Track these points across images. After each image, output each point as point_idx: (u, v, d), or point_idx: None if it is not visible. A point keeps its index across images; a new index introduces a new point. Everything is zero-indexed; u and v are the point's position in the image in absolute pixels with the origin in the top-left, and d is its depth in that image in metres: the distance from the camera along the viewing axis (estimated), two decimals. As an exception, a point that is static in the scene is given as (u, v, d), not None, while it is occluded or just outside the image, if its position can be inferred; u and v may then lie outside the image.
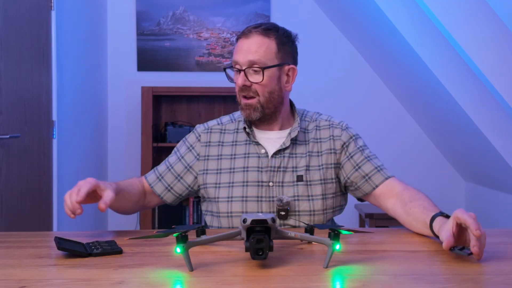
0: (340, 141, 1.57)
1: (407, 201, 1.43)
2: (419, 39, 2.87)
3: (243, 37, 1.51)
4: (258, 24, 1.52)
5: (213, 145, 1.60)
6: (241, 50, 1.50)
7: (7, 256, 1.19)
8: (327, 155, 1.56)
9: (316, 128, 1.60)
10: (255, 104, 1.51)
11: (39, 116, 2.57)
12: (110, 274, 1.03)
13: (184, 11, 3.86)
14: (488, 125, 2.81)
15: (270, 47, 1.49)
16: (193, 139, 1.62)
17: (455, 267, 1.07)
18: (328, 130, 1.59)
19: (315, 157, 1.56)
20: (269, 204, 1.52)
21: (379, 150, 3.78)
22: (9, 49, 2.27)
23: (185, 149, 1.62)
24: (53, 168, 2.69)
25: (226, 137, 1.60)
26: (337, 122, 1.61)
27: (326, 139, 1.57)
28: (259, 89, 1.50)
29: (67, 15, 2.98)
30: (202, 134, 1.62)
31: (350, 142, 1.58)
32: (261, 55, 1.48)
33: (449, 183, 3.88)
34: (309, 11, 3.86)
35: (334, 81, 3.86)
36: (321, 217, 1.53)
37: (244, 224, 1.06)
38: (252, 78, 1.50)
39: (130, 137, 3.85)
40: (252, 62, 1.48)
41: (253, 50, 1.48)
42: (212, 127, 1.63)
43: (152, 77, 3.84)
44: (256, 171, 1.53)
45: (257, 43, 1.49)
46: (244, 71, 1.50)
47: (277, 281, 0.99)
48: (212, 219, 1.59)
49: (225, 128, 1.62)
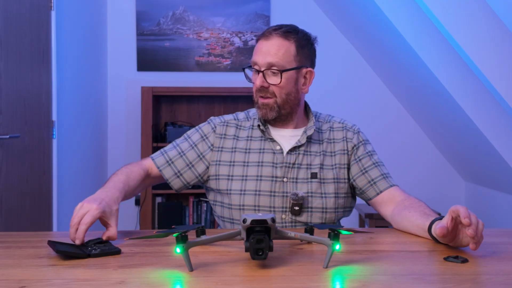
0: (351, 143, 1.62)
1: (407, 206, 1.47)
2: (419, 39, 2.87)
3: (263, 38, 1.53)
4: (279, 26, 1.55)
5: (228, 138, 1.62)
6: (261, 52, 1.52)
7: (7, 256, 1.19)
8: (340, 155, 1.60)
9: (330, 129, 1.64)
10: (272, 104, 1.54)
11: (39, 116, 2.57)
12: (110, 274, 1.03)
13: (184, 11, 3.86)
14: (488, 125, 2.81)
15: (289, 49, 1.51)
16: (207, 129, 1.63)
17: (455, 267, 1.07)
18: (342, 131, 1.63)
19: (328, 156, 1.60)
20: (282, 199, 1.54)
21: (379, 150, 3.79)
22: (9, 49, 2.27)
23: (198, 137, 1.63)
24: (53, 168, 2.69)
25: (242, 133, 1.63)
26: (350, 125, 1.66)
27: (340, 140, 1.62)
28: (276, 91, 1.53)
29: (67, 15, 2.98)
30: (218, 126, 1.63)
31: (360, 146, 1.62)
32: (280, 57, 1.50)
33: (449, 183, 3.89)
34: (309, 11, 3.86)
35: (334, 81, 3.86)
36: (332, 215, 1.56)
37: (244, 224, 1.06)
38: (270, 79, 1.52)
39: (130, 137, 3.85)
40: (270, 64, 1.50)
41: (272, 52, 1.50)
42: (228, 121, 1.65)
43: (152, 77, 3.84)
44: (270, 166, 1.56)
45: (276, 46, 1.51)
46: (263, 73, 1.51)
47: (277, 281, 0.99)
48: (222, 209, 1.60)
49: (241, 124, 1.65)
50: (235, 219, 1.57)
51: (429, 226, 1.29)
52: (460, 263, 1.10)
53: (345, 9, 3.66)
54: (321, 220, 1.55)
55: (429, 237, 1.29)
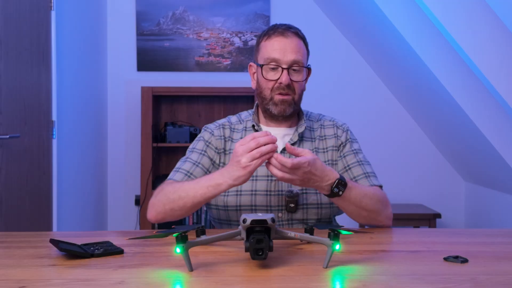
0: (340, 140, 1.65)
1: None
2: (419, 39, 2.87)
3: (280, 36, 1.54)
4: (286, 25, 1.58)
5: (227, 139, 1.64)
6: (282, 49, 1.53)
7: (7, 256, 1.19)
8: (332, 151, 1.63)
9: (321, 126, 1.67)
10: (290, 101, 1.56)
11: (39, 116, 2.57)
12: (110, 274, 1.03)
13: (184, 11, 3.86)
14: (488, 125, 2.81)
15: (303, 48, 1.57)
16: (207, 136, 1.64)
17: (455, 267, 1.07)
18: (333, 128, 1.67)
19: (321, 153, 1.63)
20: (278, 198, 1.55)
21: (378, 150, 3.81)
22: (9, 49, 2.27)
23: (203, 144, 1.63)
24: (53, 168, 2.69)
25: (235, 135, 1.65)
26: (340, 123, 1.69)
27: (331, 137, 1.65)
28: (296, 87, 1.56)
29: (67, 15, 2.98)
30: (215, 129, 1.65)
31: (347, 144, 1.64)
32: (302, 55, 1.55)
33: (449, 183, 3.88)
34: (309, 11, 3.86)
35: (333, 81, 3.86)
36: (328, 210, 1.56)
37: (244, 224, 1.06)
38: (293, 76, 1.55)
39: (130, 137, 3.85)
40: (294, 61, 1.53)
41: (295, 49, 1.53)
42: (223, 124, 1.67)
43: (152, 77, 3.84)
44: (265, 166, 1.55)
45: (295, 43, 1.54)
46: (288, 70, 1.53)
47: (277, 281, 0.99)
48: (218, 212, 1.60)
49: (234, 127, 1.67)
50: (232, 220, 1.57)
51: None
52: (460, 263, 1.10)
53: (345, 9, 3.66)
54: (317, 216, 1.55)
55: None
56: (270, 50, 1.54)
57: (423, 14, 2.62)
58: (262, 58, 1.56)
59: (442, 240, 1.37)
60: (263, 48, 1.57)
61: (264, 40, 1.57)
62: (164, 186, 1.52)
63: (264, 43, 1.57)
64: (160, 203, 1.48)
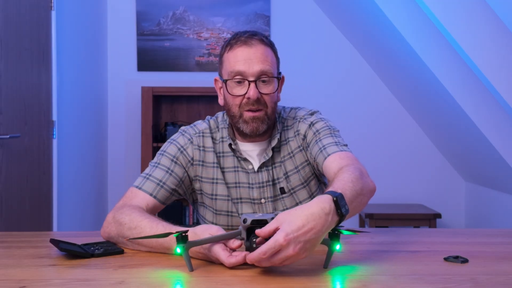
0: (300, 135, 1.49)
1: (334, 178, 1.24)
2: (419, 40, 2.87)
3: (243, 45, 1.38)
4: (250, 33, 1.42)
5: (208, 150, 1.49)
6: (247, 60, 1.37)
7: (7, 256, 1.19)
8: (299, 154, 1.49)
9: (284, 129, 1.52)
10: (262, 117, 1.40)
11: (39, 116, 2.57)
12: (110, 274, 1.03)
13: (184, 11, 3.86)
14: (488, 125, 2.81)
15: (271, 55, 1.41)
16: (183, 141, 1.49)
17: (455, 267, 1.07)
18: (293, 127, 1.51)
19: (288, 160, 1.49)
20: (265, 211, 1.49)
21: (379, 150, 3.81)
22: (9, 49, 2.27)
23: (176, 150, 1.48)
24: (53, 168, 2.69)
25: (216, 146, 1.50)
26: (301, 114, 1.52)
27: (292, 138, 1.50)
28: (268, 100, 1.40)
29: (67, 15, 2.98)
30: (195, 137, 1.50)
31: (308, 131, 1.48)
32: (269, 64, 1.38)
33: (449, 183, 3.88)
34: (309, 11, 3.85)
35: (334, 82, 3.86)
36: None
37: (244, 224, 1.06)
38: (262, 89, 1.39)
39: (130, 137, 3.85)
40: (262, 72, 1.37)
41: (262, 59, 1.37)
42: (203, 131, 1.51)
43: (152, 77, 3.84)
44: (247, 188, 1.48)
45: (261, 52, 1.38)
46: (255, 82, 1.37)
47: (277, 281, 0.99)
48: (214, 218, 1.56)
49: (215, 137, 1.51)
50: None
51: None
52: (460, 263, 1.10)
53: (345, 9, 3.66)
54: None
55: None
56: (234, 62, 1.37)
57: (424, 15, 2.62)
58: (226, 72, 1.40)
59: (442, 240, 1.36)
60: (226, 60, 1.40)
61: (227, 51, 1.40)
62: (124, 211, 1.30)
63: (227, 55, 1.40)
64: (114, 233, 1.27)
